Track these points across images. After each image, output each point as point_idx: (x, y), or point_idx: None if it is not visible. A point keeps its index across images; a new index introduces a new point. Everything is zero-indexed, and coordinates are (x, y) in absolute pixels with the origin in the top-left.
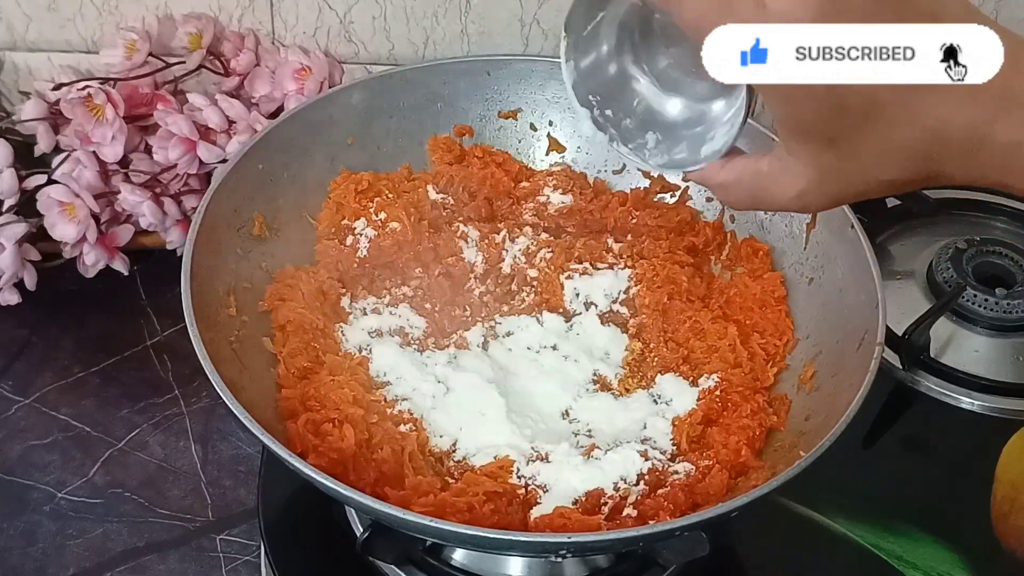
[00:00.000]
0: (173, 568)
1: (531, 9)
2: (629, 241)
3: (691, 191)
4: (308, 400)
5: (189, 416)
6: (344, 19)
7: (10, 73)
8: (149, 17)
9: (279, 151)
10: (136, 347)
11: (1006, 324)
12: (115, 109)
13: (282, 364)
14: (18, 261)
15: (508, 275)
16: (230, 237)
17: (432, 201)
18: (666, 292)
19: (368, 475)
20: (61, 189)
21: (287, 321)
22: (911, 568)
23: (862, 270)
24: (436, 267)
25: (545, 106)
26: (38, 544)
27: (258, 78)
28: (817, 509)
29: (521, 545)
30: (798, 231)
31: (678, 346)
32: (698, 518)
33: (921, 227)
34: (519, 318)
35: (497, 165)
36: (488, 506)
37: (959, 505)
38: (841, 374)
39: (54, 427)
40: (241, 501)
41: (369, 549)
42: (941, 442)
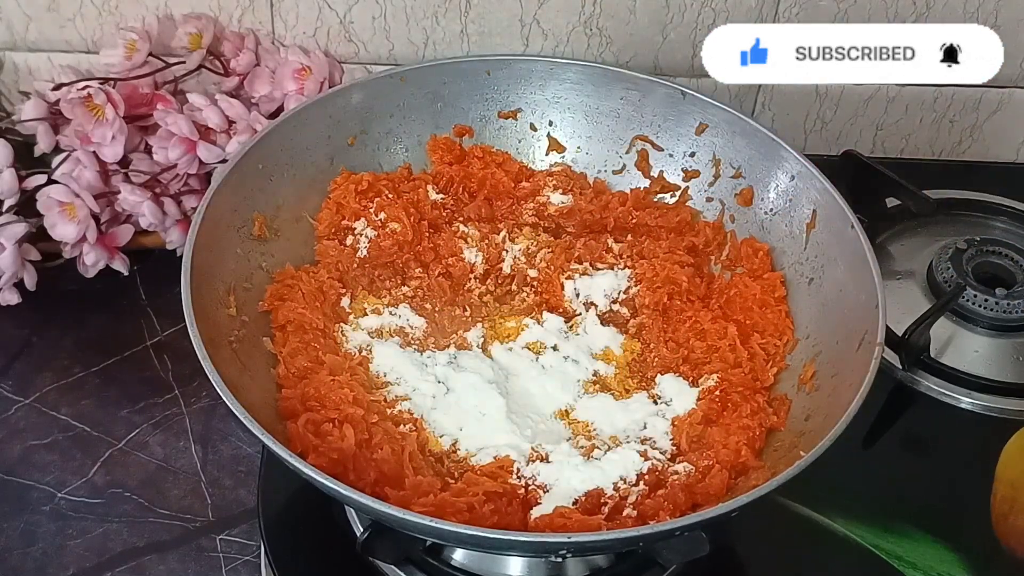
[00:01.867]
0: (173, 568)
1: (531, 9)
2: (629, 241)
3: (691, 191)
4: (308, 400)
5: (189, 416)
6: (344, 19)
7: (10, 73)
8: (149, 17)
9: (279, 151)
10: (136, 347)
11: (1006, 324)
12: (115, 109)
13: (282, 364)
14: (18, 261)
15: (508, 275)
16: (230, 237)
17: (432, 201)
18: (666, 292)
19: (368, 475)
20: (61, 189)
21: (287, 321)
22: (911, 568)
23: (862, 270)
24: (436, 267)
25: (545, 106)
26: (38, 544)
27: (258, 78)
28: (817, 509)
29: (521, 545)
30: (798, 231)
31: (678, 346)
32: (698, 518)
33: (921, 227)
34: (519, 318)
35: (497, 165)
36: (488, 506)
37: (959, 505)
38: (841, 374)
39: (54, 427)
40: (241, 501)
41: (369, 549)
42: (941, 442)
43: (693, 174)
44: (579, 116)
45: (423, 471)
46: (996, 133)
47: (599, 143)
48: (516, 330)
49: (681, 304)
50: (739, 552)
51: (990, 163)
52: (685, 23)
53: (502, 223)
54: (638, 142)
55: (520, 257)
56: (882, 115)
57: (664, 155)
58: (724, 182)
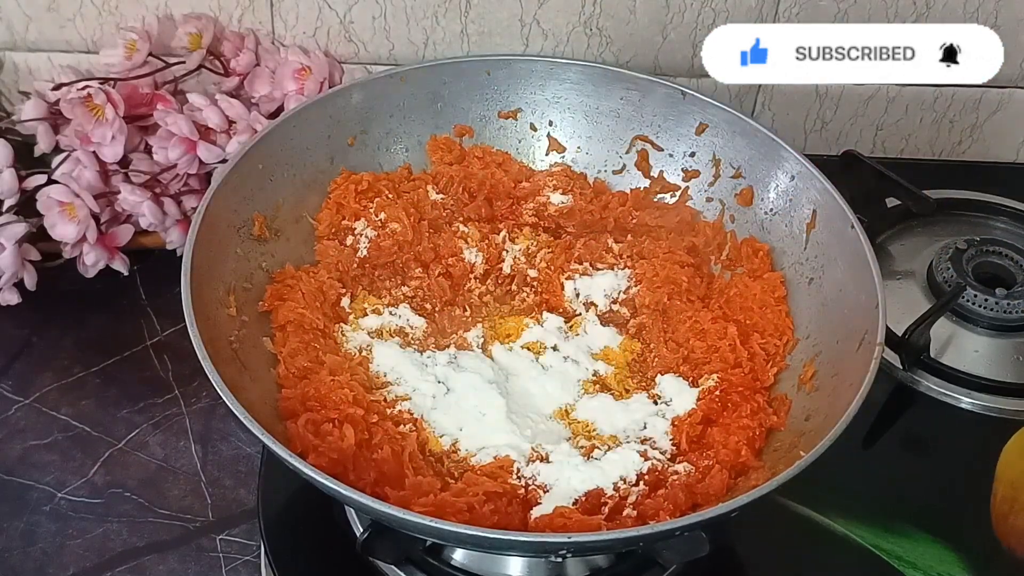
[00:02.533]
0: (173, 568)
1: (531, 9)
2: (629, 241)
3: (691, 191)
4: (308, 400)
5: (189, 416)
6: (344, 19)
7: (10, 73)
8: (149, 17)
9: (279, 151)
10: (136, 347)
11: (1006, 324)
12: (115, 109)
13: (282, 364)
14: (18, 261)
15: (508, 275)
16: (230, 237)
17: (432, 201)
18: (666, 292)
19: (368, 475)
20: (61, 189)
21: (287, 321)
22: (911, 568)
23: (862, 270)
24: (436, 267)
25: (545, 106)
26: (38, 544)
27: (258, 78)
28: (817, 509)
29: (521, 545)
30: (798, 231)
31: (678, 346)
32: (698, 518)
33: (921, 227)
34: (519, 319)
35: (497, 165)
36: (488, 506)
37: (959, 505)
38: (841, 374)
39: (54, 427)
40: (241, 501)
41: (369, 549)
42: (941, 442)
43: (693, 174)
44: (579, 116)
45: (423, 471)
46: (996, 133)
47: (599, 143)
48: (516, 330)
49: (681, 304)
50: (739, 552)
51: (990, 163)
52: (685, 23)
53: (502, 223)
54: (638, 142)
55: (520, 257)
56: (882, 115)
57: (664, 155)
58: (724, 182)
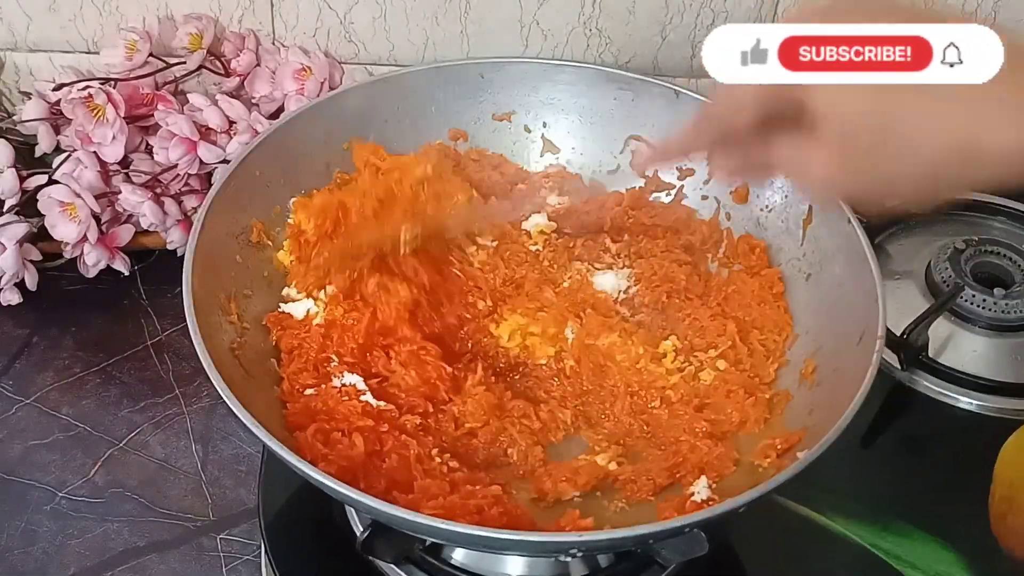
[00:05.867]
0: (173, 568)
1: (531, 10)
2: (626, 241)
3: (686, 189)
4: (316, 414)
5: (189, 416)
6: (344, 20)
7: (11, 73)
8: (150, 17)
9: (275, 158)
10: (136, 347)
11: (1004, 324)
12: (116, 109)
13: (286, 381)
14: (19, 261)
15: None
16: (229, 245)
17: None
18: (664, 290)
19: (379, 483)
20: (62, 189)
21: (291, 348)
22: (910, 568)
23: (860, 265)
24: None
25: (539, 108)
26: (38, 544)
27: (258, 78)
28: (816, 509)
29: (531, 545)
30: (795, 227)
31: None
32: (698, 517)
33: (919, 227)
34: None
35: (493, 168)
36: (496, 508)
37: (958, 505)
38: (842, 369)
39: (54, 427)
40: (241, 501)
41: (369, 548)
42: (940, 442)
43: (688, 172)
44: (573, 117)
45: (432, 473)
46: None
47: (594, 143)
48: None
49: (680, 302)
50: (739, 552)
51: None
52: (684, 23)
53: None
54: (632, 142)
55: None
56: None
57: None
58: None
